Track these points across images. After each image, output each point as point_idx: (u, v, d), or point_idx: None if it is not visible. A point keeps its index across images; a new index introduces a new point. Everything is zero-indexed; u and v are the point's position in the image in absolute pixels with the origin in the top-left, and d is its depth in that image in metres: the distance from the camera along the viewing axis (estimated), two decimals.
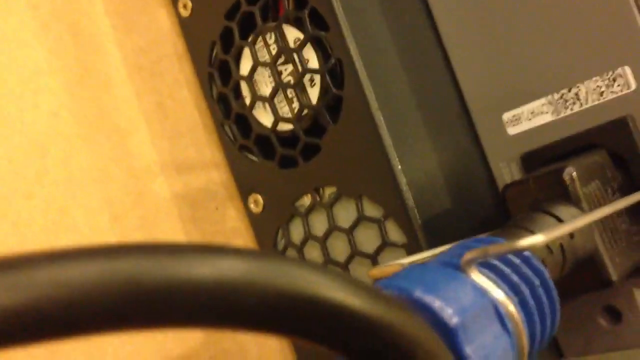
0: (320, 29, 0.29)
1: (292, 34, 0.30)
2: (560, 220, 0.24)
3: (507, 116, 0.31)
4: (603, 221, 0.25)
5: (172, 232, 0.31)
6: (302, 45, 0.29)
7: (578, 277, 0.25)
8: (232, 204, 0.34)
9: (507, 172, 0.31)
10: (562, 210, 0.24)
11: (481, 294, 0.17)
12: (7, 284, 0.09)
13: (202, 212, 0.33)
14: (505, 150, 0.31)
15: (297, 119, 0.30)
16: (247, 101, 0.32)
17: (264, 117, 0.31)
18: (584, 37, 0.28)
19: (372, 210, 0.29)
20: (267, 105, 0.31)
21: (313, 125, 0.30)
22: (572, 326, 0.29)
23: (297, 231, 0.32)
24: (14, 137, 0.27)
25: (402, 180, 0.28)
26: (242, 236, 0.34)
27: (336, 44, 0.28)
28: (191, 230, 0.32)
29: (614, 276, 0.24)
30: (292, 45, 0.29)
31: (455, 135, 0.31)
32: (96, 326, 0.10)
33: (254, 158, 0.33)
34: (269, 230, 0.33)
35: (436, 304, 0.16)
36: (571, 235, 0.23)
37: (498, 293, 0.18)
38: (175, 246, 0.11)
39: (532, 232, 0.22)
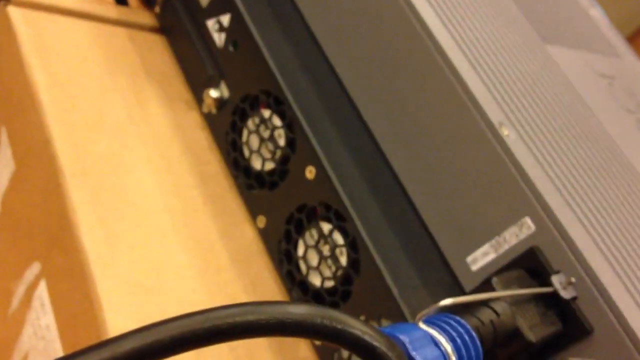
0: (341, 221, 0.48)
1: (326, 226, 0.49)
2: (493, 310, 0.41)
3: (469, 259, 0.48)
4: (521, 307, 0.41)
5: None
6: (331, 231, 0.49)
7: (512, 346, 0.41)
8: None
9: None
10: (496, 303, 0.41)
11: (430, 337, 0.34)
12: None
13: None
14: (472, 280, 0.48)
15: (333, 276, 0.49)
16: (303, 271, 0.51)
17: (315, 278, 0.50)
18: (498, 203, 0.46)
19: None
20: (316, 271, 0.50)
21: (345, 279, 0.48)
22: None
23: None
24: None
25: (405, 307, 0.46)
26: None
27: (351, 228, 0.48)
28: None
29: (533, 339, 0.40)
30: (326, 232, 0.49)
31: (439, 274, 0.49)
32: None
33: None
34: None
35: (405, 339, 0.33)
36: (497, 314, 0.40)
37: (440, 337, 0.34)
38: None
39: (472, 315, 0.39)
